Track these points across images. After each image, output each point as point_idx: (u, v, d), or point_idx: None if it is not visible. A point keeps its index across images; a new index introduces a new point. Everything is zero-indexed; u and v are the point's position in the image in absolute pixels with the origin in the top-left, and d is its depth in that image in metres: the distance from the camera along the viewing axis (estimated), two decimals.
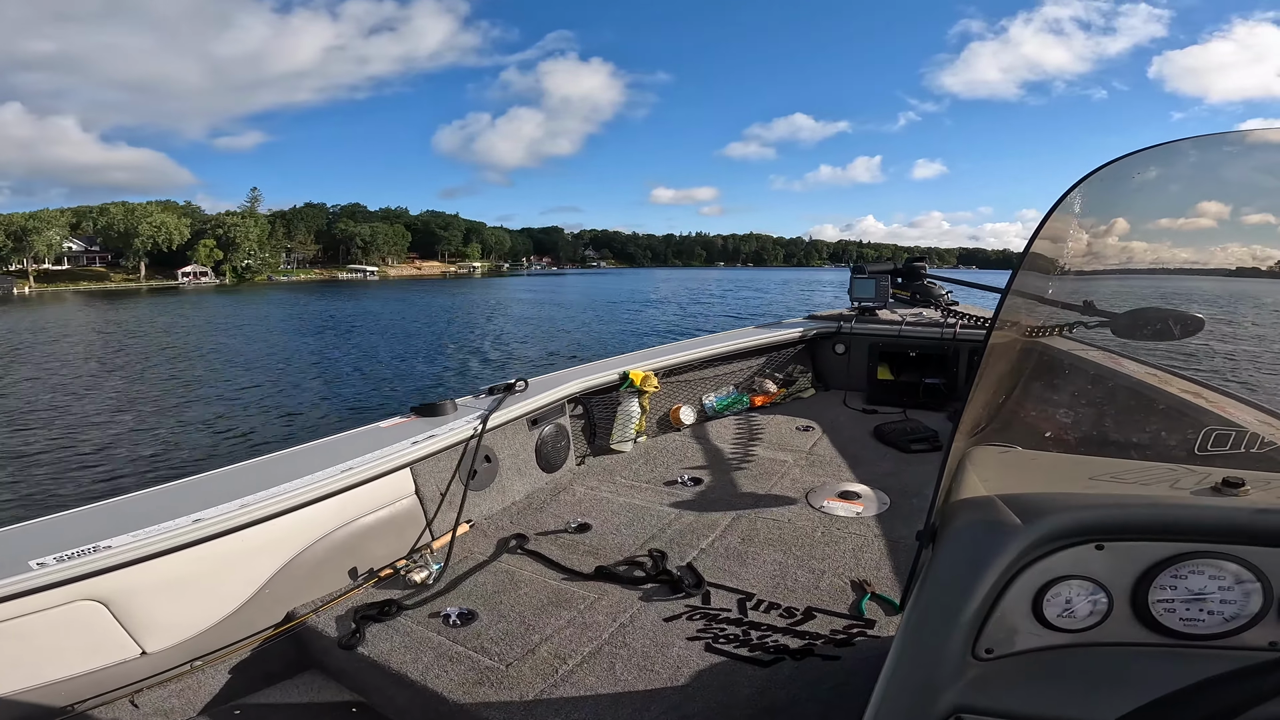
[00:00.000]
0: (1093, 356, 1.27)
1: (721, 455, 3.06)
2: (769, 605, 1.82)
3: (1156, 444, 0.95)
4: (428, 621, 1.82)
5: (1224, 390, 1.25)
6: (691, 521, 2.36)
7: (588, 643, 1.69)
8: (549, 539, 2.30)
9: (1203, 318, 1.16)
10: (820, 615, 1.77)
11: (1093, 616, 0.73)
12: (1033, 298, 1.10)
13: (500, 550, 2.22)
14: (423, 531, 2.25)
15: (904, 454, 2.98)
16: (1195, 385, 1.25)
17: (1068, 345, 1.24)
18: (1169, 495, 0.76)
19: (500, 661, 1.64)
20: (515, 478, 2.65)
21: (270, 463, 2.07)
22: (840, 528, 2.26)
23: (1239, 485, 0.75)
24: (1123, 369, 1.28)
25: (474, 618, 1.83)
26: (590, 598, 1.90)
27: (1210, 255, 1.13)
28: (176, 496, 1.81)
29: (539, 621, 1.80)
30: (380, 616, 1.83)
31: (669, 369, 3.43)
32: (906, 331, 3.89)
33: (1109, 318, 1.22)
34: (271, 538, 1.85)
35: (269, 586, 1.84)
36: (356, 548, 2.06)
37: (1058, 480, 0.85)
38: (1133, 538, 0.72)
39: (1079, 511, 0.73)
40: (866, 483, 2.63)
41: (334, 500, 1.99)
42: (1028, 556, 0.73)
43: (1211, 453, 0.85)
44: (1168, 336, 1.20)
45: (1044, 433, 1.01)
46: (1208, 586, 0.71)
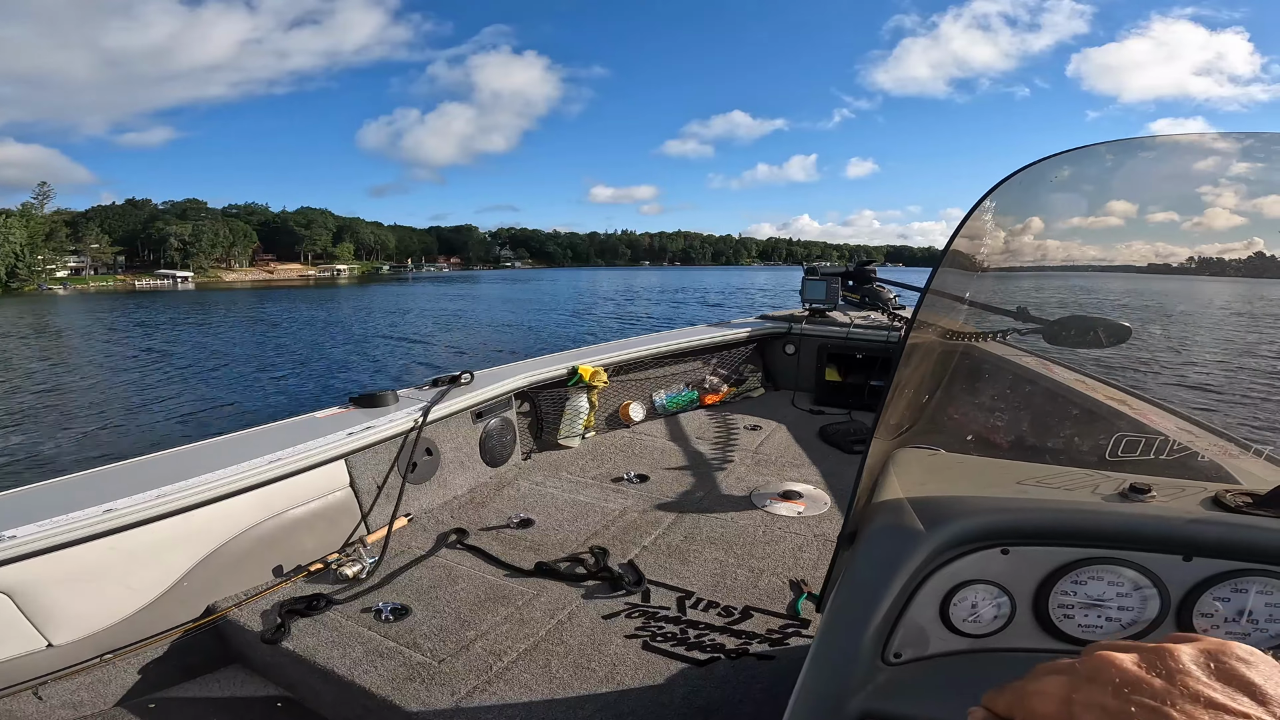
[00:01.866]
0: (1026, 362, 1.30)
1: (669, 453, 3.06)
2: (708, 604, 1.83)
3: (1071, 449, 0.97)
4: (359, 616, 1.77)
5: (1147, 397, 1.30)
6: (636, 519, 2.35)
7: (524, 639, 1.67)
8: (490, 534, 2.26)
9: (1130, 326, 1.19)
10: (757, 614, 1.78)
11: (997, 621, 0.74)
12: (953, 298, 1.11)
13: (439, 545, 2.17)
14: (357, 525, 2.19)
15: (846, 454, 3.03)
16: (1121, 392, 1.29)
17: (1002, 350, 1.27)
18: (1076, 500, 0.77)
19: (432, 657, 1.60)
20: (458, 471, 2.60)
21: (193, 452, 1.99)
22: (781, 527, 2.28)
23: (1146, 491, 0.77)
24: (1054, 375, 1.31)
25: (407, 613, 1.78)
26: (529, 594, 1.87)
27: (1118, 253, 1.16)
28: (88, 485, 1.73)
29: (475, 617, 1.76)
30: (308, 611, 1.77)
31: (619, 365, 3.42)
32: (854, 334, 3.96)
33: (1042, 325, 1.25)
34: (190, 529, 1.78)
35: (187, 579, 1.77)
36: (285, 541, 1.99)
37: (976, 484, 0.86)
38: (1035, 542, 0.73)
39: (982, 516, 0.74)
40: (809, 482, 2.67)
41: (260, 491, 1.92)
42: (935, 561, 0.73)
43: (1122, 458, 0.87)
44: (1096, 344, 1.23)
45: (967, 436, 1.02)
46: (1106, 592, 0.72)
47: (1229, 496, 0.75)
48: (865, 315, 4.29)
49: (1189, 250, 1.13)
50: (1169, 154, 1.11)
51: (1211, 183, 1.06)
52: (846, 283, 4.56)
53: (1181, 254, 1.13)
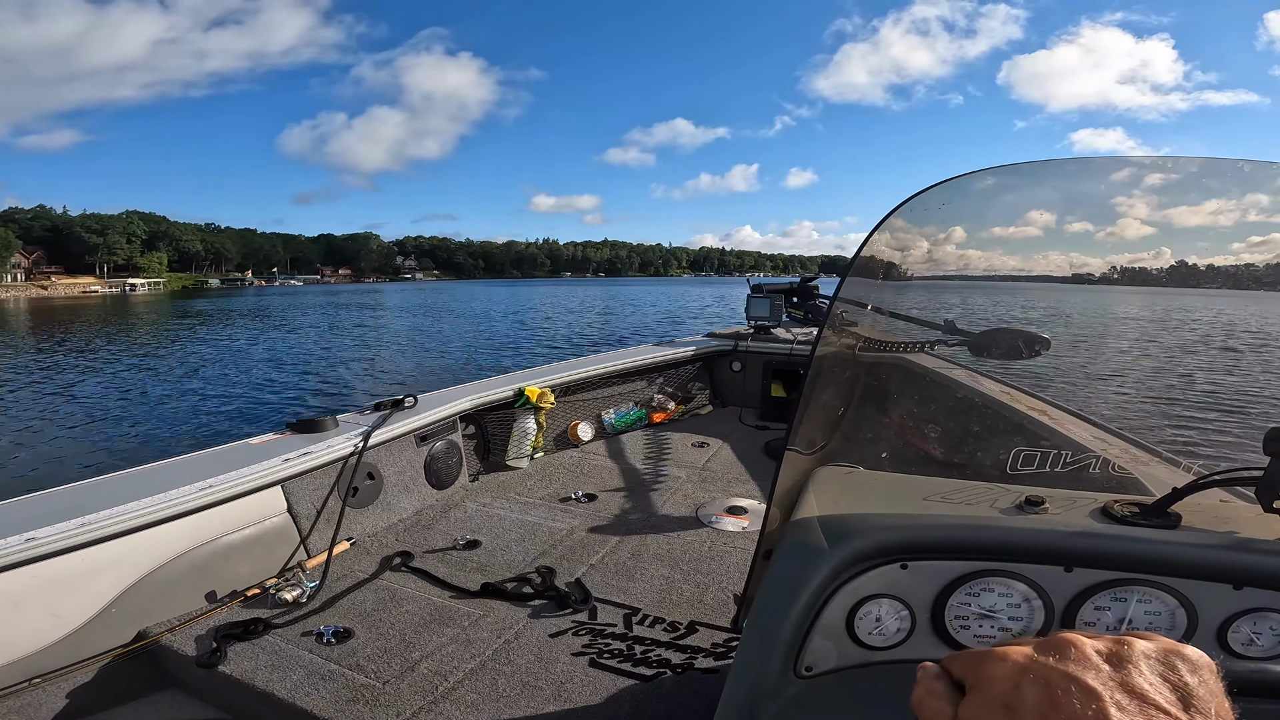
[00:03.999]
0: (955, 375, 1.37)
1: (618, 472, 3.08)
2: (654, 620, 1.85)
3: (975, 464, 1.01)
4: (299, 640, 1.73)
5: (1067, 407, 1.38)
6: (583, 538, 2.36)
7: (470, 660, 1.66)
8: (436, 556, 2.23)
9: (1049, 338, 1.27)
10: (702, 629, 1.81)
11: (900, 633, 0.77)
12: (855, 303, 1.15)
13: (383, 568, 2.14)
14: (296, 550, 2.14)
15: None
16: (1042, 403, 1.37)
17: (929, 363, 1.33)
18: (972, 515, 0.81)
19: (376, 679, 1.58)
20: (402, 495, 2.57)
21: (123, 479, 1.93)
22: (727, 542, 2.32)
23: (1040, 504, 0.81)
24: (981, 387, 1.38)
25: (350, 635, 1.75)
26: (475, 615, 1.86)
27: (1036, 263, 1.23)
28: (13, 513, 1.68)
29: (420, 639, 1.74)
30: (245, 635, 1.72)
31: (567, 385, 3.43)
32: (798, 350, 4.07)
33: (968, 337, 1.31)
34: (117, 556, 1.73)
35: (115, 606, 1.72)
36: (219, 567, 1.94)
37: (884, 501, 0.89)
38: (931, 557, 0.77)
39: (879, 534, 0.78)
40: (754, 498, 2.72)
41: (191, 518, 1.88)
42: (840, 577, 0.76)
43: (1021, 471, 0.92)
44: (1018, 355, 1.30)
45: (882, 453, 1.07)
46: (998, 603, 0.75)
47: (1117, 507, 0.80)
48: (808, 331, 4.41)
49: (1103, 260, 1.22)
50: (1062, 175, 1.19)
51: (1125, 195, 1.15)
52: (791, 299, 4.68)
53: (1096, 264, 1.22)
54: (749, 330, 4.46)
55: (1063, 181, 1.17)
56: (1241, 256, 1.15)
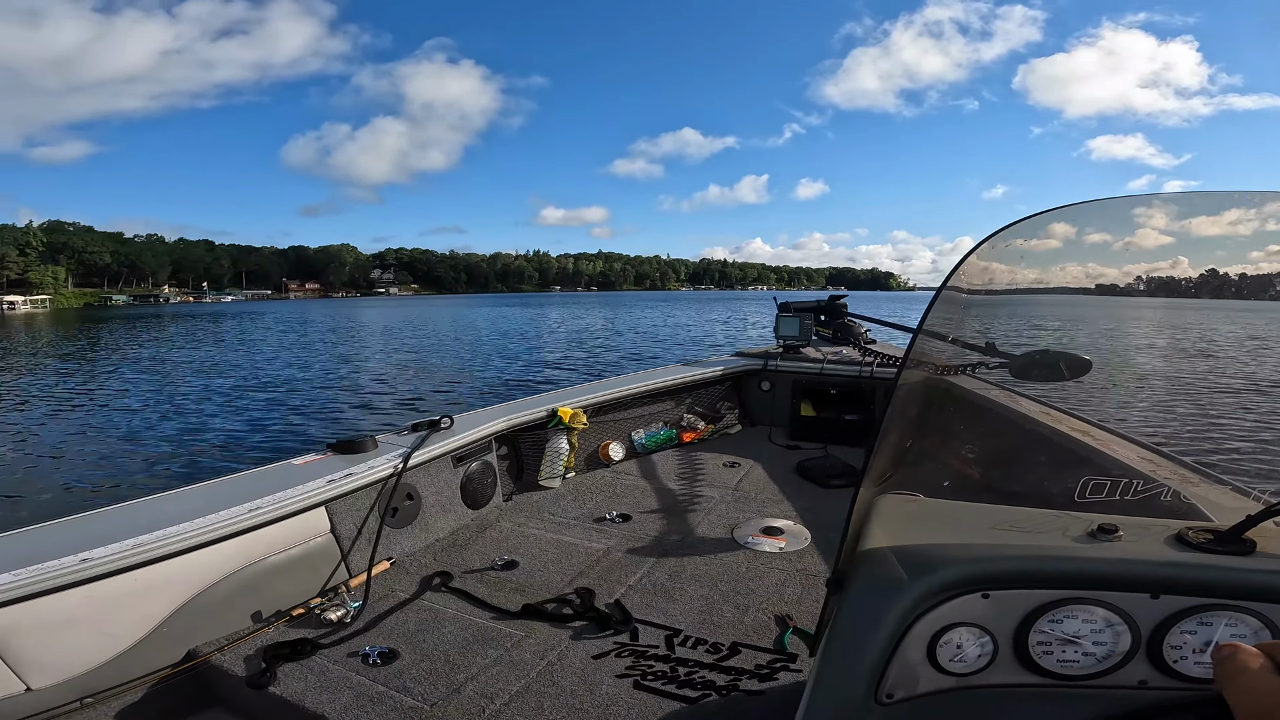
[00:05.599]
0: (994, 395, 1.37)
1: (650, 492, 3.08)
2: (696, 641, 1.84)
3: (1041, 492, 1.02)
4: (345, 661, 1.75)
5: (1109, 428, 1.37)
6: (620, 558, 2.36)
7: (515, 681, 1.66)
8: (474, 577, 2.25)
9: (1090, 359, 1.26)
10: (745, 650, 1.80)
11: (981, 659, 0.78)
12: (937, 336, 1.15)
13: (423, 588, 2.16)
14: (337, 568, 2.17)
15: (823, 489, 3.09)
16: (1084, 424, 1.36)
17: (970, 385, 1.33)
18: (1049, 544, 0.82)
19: (424, 701, 1.59)
20: (439, 515, 2.59)
21: (172, 499, 1.97)
22: (764, 563, 2.31)
23: (1113, 531, 0.82)
24: (1020, 408, 1.38)
25: (395, 657, 1.76)
26: (517, 636, 1.87)
27: (1053, 275, 1.22)
28: (65, 533, 1.72)
29: (464, 660, 1.75)
30: (293, 655, 1.74)
31: (598, 406, 3.45)
32: (828, 369, 4.05)
33: (1008, 359, 1.31)
34: (168, 577, 1.76)
35: (166, 625, 1.75)
36: (265, 586, 1.97)
37: (955, 530, 0.90)
38: (1012, 586, 0.78)
39: (962, 566, 0.79)
40: (789, 518, 2.71)
41: (239, 539, 1.91)
42: (920, 608, 0.78)
43: (1089, 500, 0.93)
44: (1059, 377, 1.30)
45: (944, 481, 1.07)
46: (1081, 629, 0.76)
47: (1191, 534, 0.81)
48: (837, 350, 4.40)
49: (1121, 270, 1.22)
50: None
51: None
52: (819, 318, 4.68)
53: (1115, 274, 1.22)
54: (778, 349, 4.46)
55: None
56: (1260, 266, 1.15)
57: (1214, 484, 1.12)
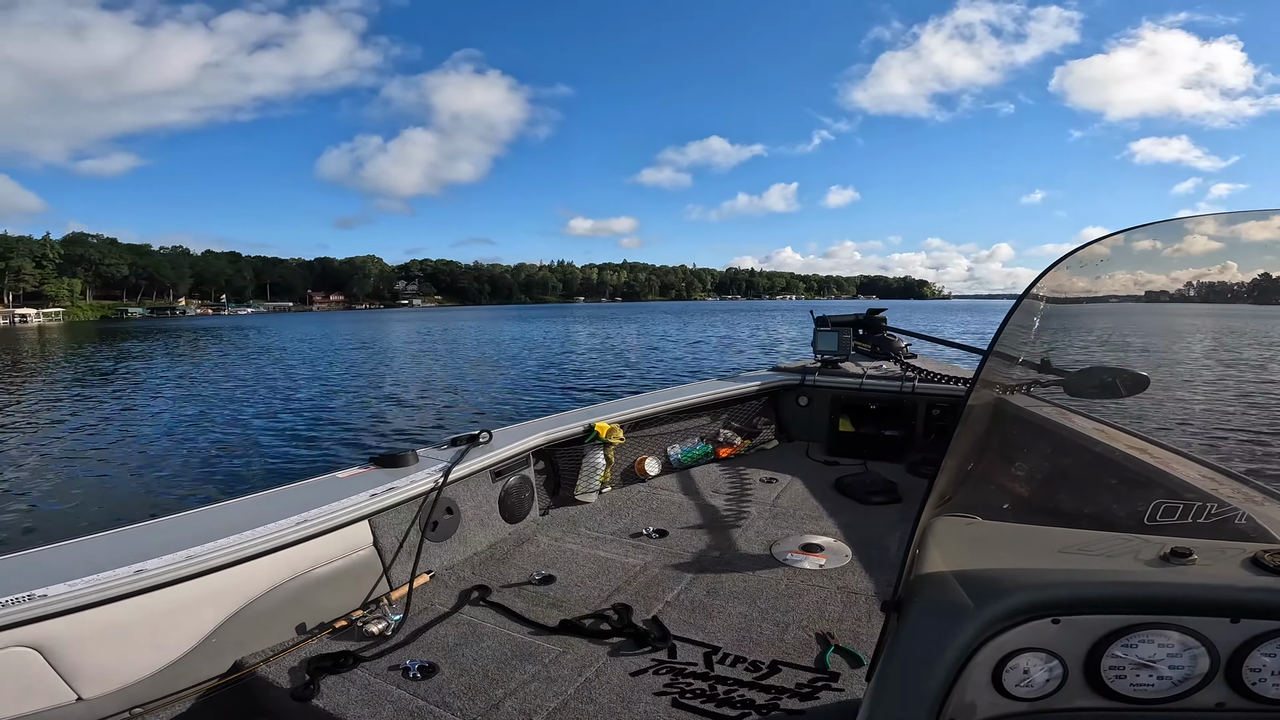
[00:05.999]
0: (1046, 413, 1.33)
1: (687, 507, 3.07)
2: (735, 659, 1.82)
3: (1108, 515, 0.99)
4: (386, 674, 1.76)
5: (1167, 444, 1.32)
6: (657, 574, 2.35)
7: (553, 697, 1.66)
8: (512, 591, 2.26)
9: (1148, 375, 1.22)
10: (785, 668, 1.77)
11: (1049, 684, 0.76)
12: (1005, 357, 1.13)
13: (462, 602, 2.18)
14: (379, 581, 2.20)
15: (864, 506, 3.03)
16: (1141, 441, 1.31)
17: (1026, 404, 1.29)
18: (1121, 569, 0.80)
19: (463, 716, 1.59)
20: (478, 529, 2.61)
21: (220, 511, 2.02)
22: (804, 580, 2.28)
23: (1187, 555, 0.80)
24: (1074, 425, 1.33)
25: (435, 670, 1.78)
26: (555, 651, 1.87)
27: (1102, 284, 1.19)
28: (118, 544, 1.76)
29: (503, 675, 1.76)
30: (336, 668, 1.77)
31: (635, 421, 3.45)
32: (868, 384, 3.99)
33: (1062, 376, 1.28)
34: (218, 588, 1.80)
35: (215, 636, 1.79)
36: (310, 599, 2.00)
37: (1019, 554, 0.88)
38: (1085, 612, 0.76)
39: (1032, 593, 0.77)
40: (829, 535, 2.66)
41: (286, 552, 1.95)
42: (985, 634, 0.76)
43: (1160, 523, 0.90)
44: (1115, 394, 1.26)
45: (1003, 504, 1.05)
46: (1157, 654, 0.74)
47: (1268, 557, 0.78)
48: (877, 365, 4.32)
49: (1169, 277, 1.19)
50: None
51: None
52: (857, 332, 4.61)
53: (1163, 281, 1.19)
54: (815, 364, 4.41)
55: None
56: None
57: (1276, 502, 1.08)
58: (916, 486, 3.27)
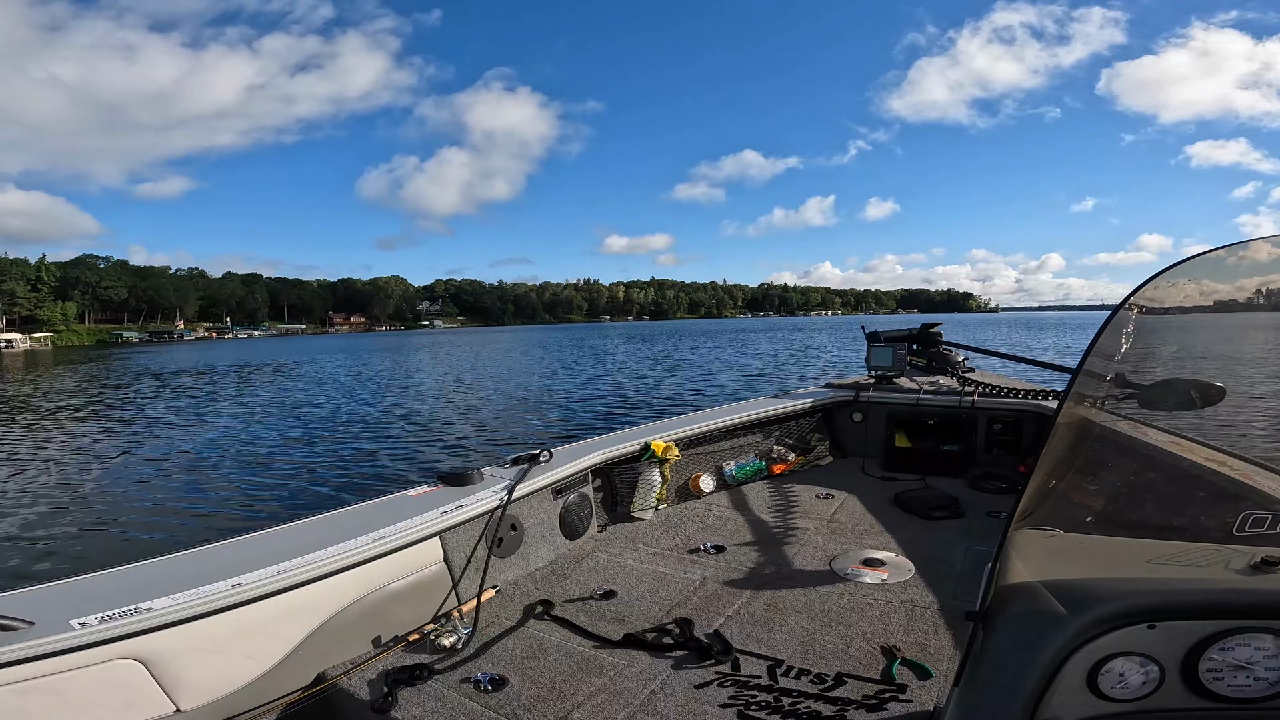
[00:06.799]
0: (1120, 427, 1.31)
1: (743, 523, 3.07)
2: (799, 672, 1.82)
3: (1196, 526, 0.99)
4: (459, 686, 1.83)
5: (1246, 457, 1.29)
6: (716, 589, 2.37)
7: (620, 710, 1.69)
8: (575, 605, 2.31)
9: (1223, 387, 1.20)
10: (851, 681, 1.76)
11: (1146, 686, 0.78)
12: (1094, 375, 1.13)
13: (527, 616, 2.23)
14: (448, 596, 2.27)
15: (926, 521, 2.98)
16: (1220, 454, 1.29)
17: (1103, 418, 1.28)
18: (1214, 577, 0.82)
19: None
20: (540, 545, 2.68)
21: (304, 528, 2.13)
22: (866, 594, 2.26)
23: (1278, 564, 0.81)
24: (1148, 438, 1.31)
25: (505, 683, 1.83)
26: (619, 664, 1.90)
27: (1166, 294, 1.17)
28: (214, 559, 1.87)
29: (570, 688, 1.80)
30: (412, 681, 1.84)
31: (690, 439, 3.48)
32: (925, 400, 3.94)
33: (1136, 389, 1.26)
34: (304, 602, 1.89)
35: (301, 649, 1.87)
36: (385, 612, 2.09)
37: (1107, 565, 0.90)
38: (1180, 618, 0.78)
39: (1127, 600, 0.79)
40: (889, 550, 2.64)
41: (365, 567, 2.03)
42: (1079, 640, 0.78)
43: (1250, 533, 0.90)
44: (1191, 406, 1.24)
45: (1086, 517, 1.05)
46: (1254, 656, 0.76)
47: None
48: (933, 380, 4.26)
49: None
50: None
51: None
52: (911, 346, 4.55)
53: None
54: (869, 380, 4.36)
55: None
56: None
57: None
58: (978, 501, 3.20)
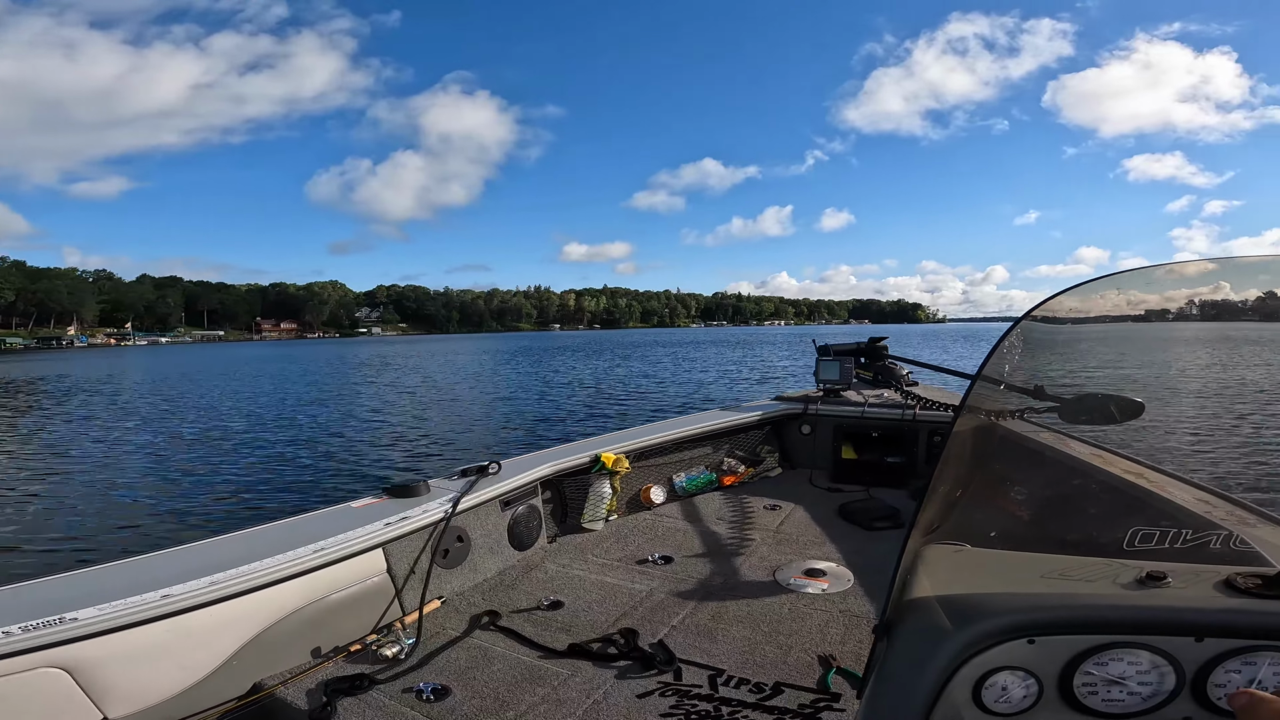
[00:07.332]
0: (1043, 438, 1.38)
1: (692, 534, 3.12)
2: (739, 681, 1.86)
3: (1090, 541, 1.03)
4: (401, 696, 1.82)
5: (1163, 469, 1.37)
6: (663, 599, 2.40)
7: (563, 719, 1.71)
8: (521, 616, 2.31)
9: (1142, 402, 1.28)
10: (788, 690, 1.81)
11: (1026, 700, 0.81)
12: (991, 380, 1.17)
13: (472, 626, 2.23)
14: (391, 606, 2.26)
15: (867, 531, 3.07)
16: (1137, 465, 1.37)
17: (1020, 429, 1.35)
18: (1096, 592, 0.85)
19: None
20: (487, 556, 2.67)
21: (242, 539, 2.10)
22: (807, 604, 2.32)
23: (1162, 578, 0.85)
24: (1071, 450, 1.39)
25: (448, 693, 1.83)
26: (563, 674, 1.92)
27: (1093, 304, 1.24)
28: (146, 570, 1.83)
29: (513, 697, 1.81)
30: (352, 690, 1.82)
31: (641, 451, 3.52)
32: (869, 412, 4.05)
33: (1058, 403, 1.33)
34: (240, 613, 1.87)
35: (236, 658, 1.85)
36: (326, 623, 2.06)
37: (1001, 579, 0.94)
38: (1057, 633, 0.82)
39: (1006, 616, 0.83)
40: (832, 560, 2.71)
41: (304, 578, 2.01)
42: (964, 655, 0.82)
43: (1139, 548, 0.95)
44: (1110, 420, 1.31)
45: (990, 531, 1.09)
46: (1126, 671, 0.79)
47: (1240, 579, 0.84)
48: (879, 393, 4.39)
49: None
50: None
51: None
52: (859, 360, 4.68)
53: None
54: (818, 393, 4.47)
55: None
56: None
57: (1272, 525, 1.13)
58: None
